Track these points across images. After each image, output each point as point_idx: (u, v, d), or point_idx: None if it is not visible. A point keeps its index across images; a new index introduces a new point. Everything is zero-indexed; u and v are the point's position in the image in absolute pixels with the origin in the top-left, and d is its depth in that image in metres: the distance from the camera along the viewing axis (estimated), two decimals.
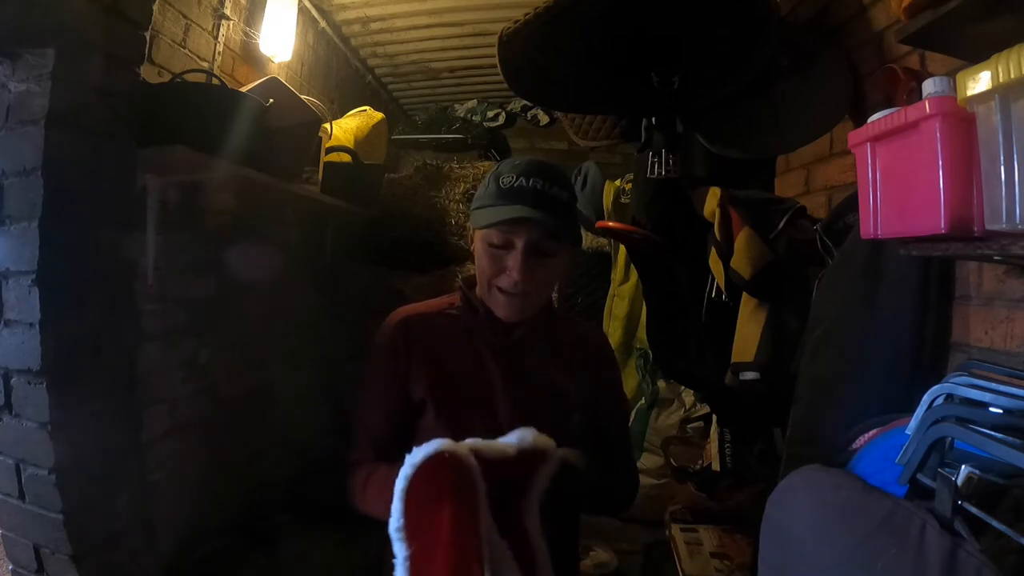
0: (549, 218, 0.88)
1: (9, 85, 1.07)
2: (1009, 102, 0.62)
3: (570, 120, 2.09)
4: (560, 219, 0.90)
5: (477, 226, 0.92)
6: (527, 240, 0.88)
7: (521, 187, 0.89)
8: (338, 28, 2.60)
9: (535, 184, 0.89)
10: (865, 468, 0.86)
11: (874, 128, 0.86)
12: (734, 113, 1.58)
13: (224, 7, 1.74)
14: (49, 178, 1.06)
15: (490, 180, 0.94)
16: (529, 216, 0.86)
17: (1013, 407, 0.65)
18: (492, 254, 0.91)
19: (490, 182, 0.93)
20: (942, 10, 0.89)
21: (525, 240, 0.88)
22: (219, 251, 1.69)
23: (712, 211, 1.50)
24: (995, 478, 0.57)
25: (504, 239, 0.89)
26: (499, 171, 0.94)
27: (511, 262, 0.89)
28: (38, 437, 1.09)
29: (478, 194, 0.96)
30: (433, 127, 3.40)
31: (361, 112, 2.43)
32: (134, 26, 1.23)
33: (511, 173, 0.91)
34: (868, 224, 0.90)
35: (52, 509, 1.11)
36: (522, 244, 0.88)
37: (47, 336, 1.07)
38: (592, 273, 3.10)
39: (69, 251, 1.11)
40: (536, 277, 0.91)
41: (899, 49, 1.24)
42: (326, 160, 2.08)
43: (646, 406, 2.65)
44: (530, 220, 0.87)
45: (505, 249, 0.90)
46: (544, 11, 1.34)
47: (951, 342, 1.05)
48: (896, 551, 0.56)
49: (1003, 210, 0.63)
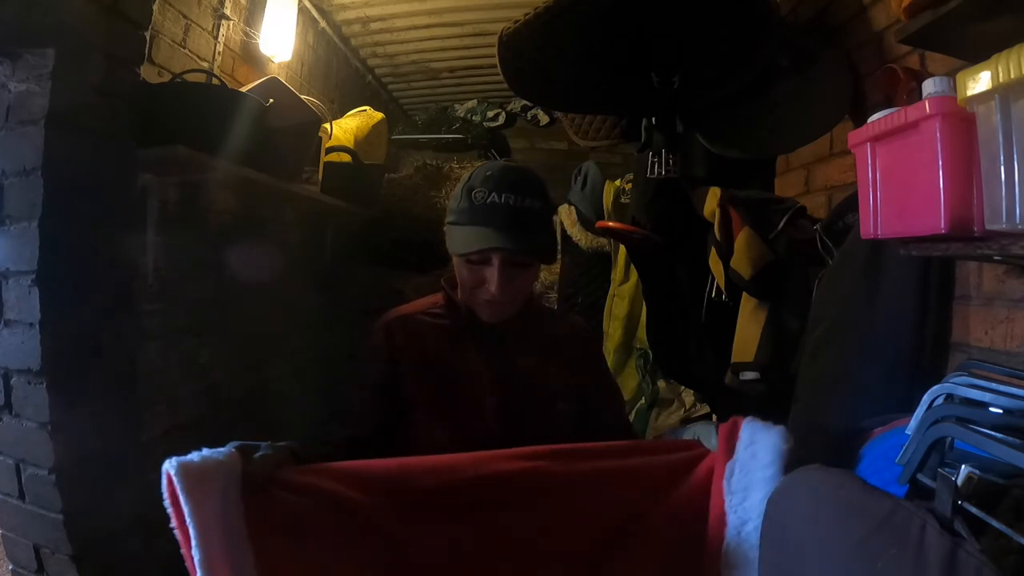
0: (523, 238, 0.88)
1: (9, 85, 1.07)
2: (1009, 102, 0.62)
3: (570, 120, 2.09)
4: (534, 235, 0.90)
5: (453, 252, 0.93)
6: (501, 258, 0.89)
7: (494, 205, 0.88)
8: (338, 28, 2.60)
9: (507, 200, 0.88)
10: (865, 468, 0.86)
11: (874, 128, 0.86)
12: (734, 113, 1.58)
13: (224, 7, 1.74)
14: (49, 178, 1.06)
15: (462, 193, 0.93)
16: (500, 246, 0.87)
17: (1013, 407, 0.65)
18: (470, 268, 0.92)
19: (462, 196, 0.93)
20: (942, 10, 0.89)
21: (500, 258, 0.89)
22: (219, 251, 1.69)
23: (712, 211, 1.49)
24: (995, 478, 0.57)
25: (481, 256, 0.90)
26: (471, 184, 0.93)
27: (489, 276, 0.89)
28: (38, 437, 1.09)
29: (452, 206, 0.95)
30: (433, 127, 3.40)
31: (361, 112, 2.43)
32: (134, 26, 1.23)
33: (483, 187, 0.90)
34: (868, 224, 0.89)
35: (52, 509, 1.11)
36: (498, 262, 0.89)
37: (47, 336, 1.07)
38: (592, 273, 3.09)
39: (69, 251, 1.11)
40: (514, 287, 0.92)
41: (899, 49, 1.24)
42: (326, 160, 2.08)
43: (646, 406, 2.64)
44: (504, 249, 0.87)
45: (482, 264, 0.90)
46: (544, 11, 1.34)
47: (951, 342, 1.05)
48: (896, 551, 0.56)
49: (1003, 210, 0.63)
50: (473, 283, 0.92)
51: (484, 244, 0.87)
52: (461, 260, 0.92)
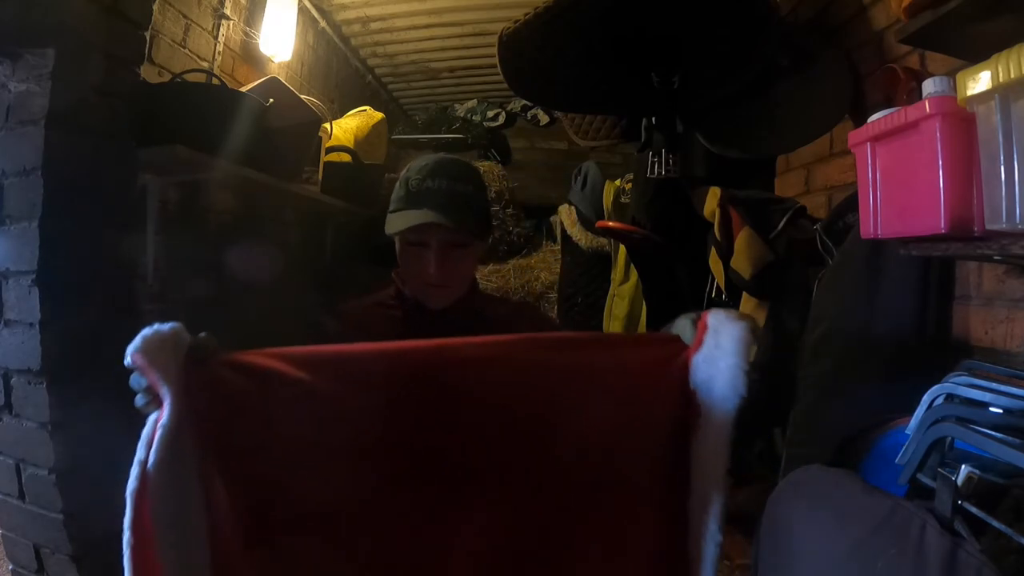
0: (455, 216, 0.93)
1: (9, 85, 1.07)
2: (1009, 102, 0.62)
3: (570, 120, 2.09)
4: (466, 215, 0.95)
5: (391, 232, 0.97)
6: (439, 239, 0.94)
7: (428, 189, 0.95)
8: (338, 28, 2.60)
9: (439, 184, 0.95)
10: (865, 468, 0.86)
11: (874, 128, 0.86)
12: (734, 113, 1.58)
13: (224, 7, 1.74)
14: (49, 178, 1.06)
15: (400, 184, 0.99)
16: (435, 221, 0.92)
17: (1013, 407, 0.65)
18: (411, 252, 0.97)
19: (400, 186, 0.98)
20: (942, 10, 0.89)
21: (437, 239, 0.94)
22: (219, 251, 1.69)
23: (712, 211, 1.49)
24: (995, 478, 0.57)
25: (419, 239, 0.95)
26: (408, 175, 0.98)
27: (429, 258, 0.95)
28: (38, 437, 1.09)
29: (393, 197, 1.01)
30: (433, 127, 3.40)
31: (361, 112, 2.43)
32: (134, 26, 1.23)
33: (418, 175, 0.96)
34: (868, 224, 0.90)
35: (52, 509, 1.11)
36: (435, 243, 0.94)
37: (47, 336, 1.07)
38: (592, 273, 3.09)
39: (69, 251, 1.11)
40: (454, 268, 0.97)
41: (899, 49, 1.24)
42: (326, 160, 2.08)
43: None
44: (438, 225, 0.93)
45: (422, 247, 0.96)
46: (544, 11, 1.34)
47: (951, 342, 1.05)
48: (896, 551, 0.56)
49: (1003, 210, 0.63)
50: (416, 268, 0.97)
51: (420, 220, 0.92)
52: (403, 246, 0.98)
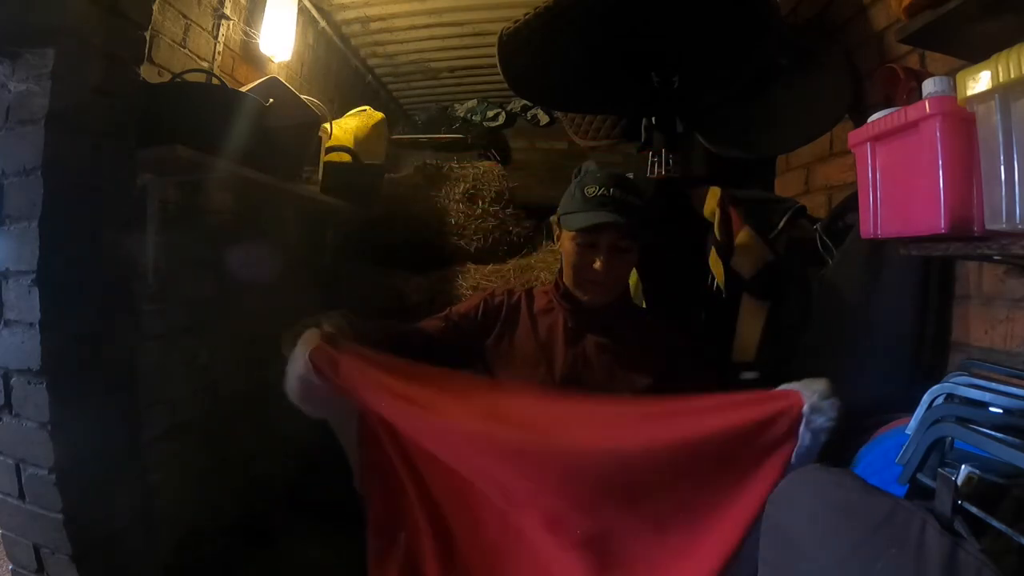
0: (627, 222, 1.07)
1: (9, 85, 1.07)
2: (1009, 102, 0.62)
3: (570, 120, 2.09)
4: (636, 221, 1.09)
5: (571, 228, 1.11)
6: (609, 240, 1.09)
7: (604, 196, 1.08)
8: (338, 28, 2.60)
9: (615, 194, 1.09)
10: (865, 468, 0.86)
11: (874, 128, 0.86)
12: (734, 113, 1.58)
13: (224, 7, 1.74)
14: (49, 178, 1.06)
15: (575, 190, 1.13)
16: (611, 221, 1.06)
17: (1013, 407, 0.65)
18: (580, 251, 1.11)
19: (576, 191, 1.13)
20: (942, 10, 0.89)
21: (607, 240, 1.08)
22: (219, 251, 1.69)
23: (712, 211, 1.49)
24: (995, 478, 0.57)
25: (590, 239, 1.09)
26: (583, 181, 1.13)
27: (596, 257, 1.09)
28: (38, 437, 1.09)
29: (564, 201, 1.16)
30: (433, 127, 3.40)
31: (361, 112, 2.43)
32: (134, 26, 1.23)
33: (594, 184, 1.10)
34: (868, 224, 0.90)
35: (52, 509, 1.11)
36: (605, 243, 1.09)
37: (47, 336, 1.07)
38: None
39: (69, 251, 1.11)
40: (615, 269, 1.11)
41: (899, 49, 1.24)
42: (326, 160, 2.08)
43: None
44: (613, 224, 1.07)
45: (591, 247, 1.10)
46: (544, 11, 1.34)
47: (951, 342, 1.05)
48: (896, 551, 0.56)
49: (1003, 210, 0.63)
50: (581, 264, 1.11)
51: (597, 220, 1.06)
52: (573, 244, 1.12)
